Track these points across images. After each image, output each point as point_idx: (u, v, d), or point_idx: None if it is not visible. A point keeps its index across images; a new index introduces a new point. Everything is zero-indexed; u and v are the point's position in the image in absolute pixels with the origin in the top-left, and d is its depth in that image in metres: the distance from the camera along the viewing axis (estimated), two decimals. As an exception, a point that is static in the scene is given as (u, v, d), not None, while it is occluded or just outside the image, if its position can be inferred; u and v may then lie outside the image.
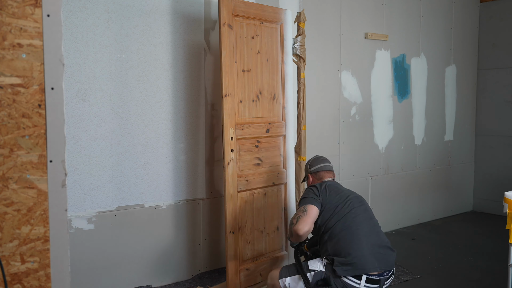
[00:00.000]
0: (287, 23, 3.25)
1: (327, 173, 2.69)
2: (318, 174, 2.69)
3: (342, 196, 2.46)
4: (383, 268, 2.27)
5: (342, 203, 2.42)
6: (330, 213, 2.39)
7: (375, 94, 4.43)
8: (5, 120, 1.43)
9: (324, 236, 2.38)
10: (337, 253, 2.28)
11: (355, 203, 2.44)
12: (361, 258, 2.23)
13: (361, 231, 2.32)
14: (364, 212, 2.42)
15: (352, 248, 2.25)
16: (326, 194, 2.47)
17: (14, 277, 1.47)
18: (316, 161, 2.75)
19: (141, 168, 3.09)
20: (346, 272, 2.22)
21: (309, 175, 2.73)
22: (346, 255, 2.24)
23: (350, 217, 2.36)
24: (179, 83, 3.22)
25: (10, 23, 1.43)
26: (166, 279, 3.22)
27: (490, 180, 5.36)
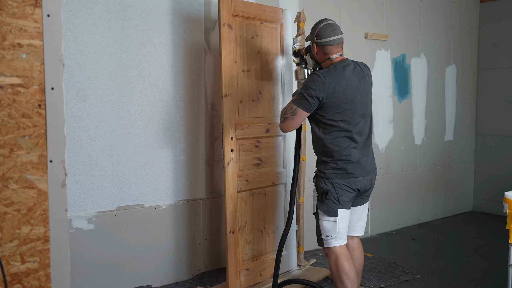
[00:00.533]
0: (287, 23, 3.25)
1: (336, 48, 2.48)
2: (325, 48, 2.48)
3: (350, 96, 2.42)
4: (367, 174, 2.54)
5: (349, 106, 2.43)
6: (333, 117, 2.44)
7: (375, 94, 4.42)
8: (5, 120, 1.44)
9: (322, 132, 2.50)
10: (328, 154, 2.48)
11: (359, 108, 2.47)
12: (350, 165, 2.46)
13: (355, 142, 2.48)
14: (363, 119, 2.51)
15: (344, 155, 2.45)
16: (333, 92, 2.38)
17: (14, 277, 1.47)
18: (326, 31, 2.46)
19: (141, 168, 3.09)
20: (335, 175, 2.47)
21: (315, 44, 2.52)
22: (338, 160, 2.46)
23: (352, 124, 2.46)
24: (179, 83, 3.22)
25: (10, 23, 1.43)
26: (166, 279, 3.22)
27: (490, 180, 5.36)
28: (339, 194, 2.47)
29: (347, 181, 2.47)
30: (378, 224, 4.53)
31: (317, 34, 2.48)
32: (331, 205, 2.48)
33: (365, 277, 3.36)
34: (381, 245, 4.19)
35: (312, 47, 2.56)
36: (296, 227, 3.34)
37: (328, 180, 2.49)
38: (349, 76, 2.43)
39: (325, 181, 2.49)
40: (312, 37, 2.54)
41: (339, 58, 2.50)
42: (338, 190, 2.47)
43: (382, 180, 4.54)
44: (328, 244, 2.52)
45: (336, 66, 2.44)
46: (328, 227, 2.50)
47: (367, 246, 4.13)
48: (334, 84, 2.37)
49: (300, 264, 3.40)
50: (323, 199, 2.49)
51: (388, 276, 3.41)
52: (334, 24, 2.49)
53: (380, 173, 4.52)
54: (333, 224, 2.48)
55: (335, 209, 2.47)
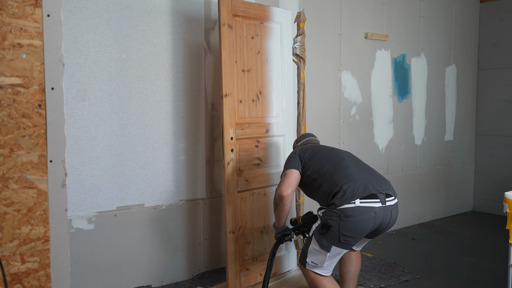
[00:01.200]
0: (287, 23, 3.25)
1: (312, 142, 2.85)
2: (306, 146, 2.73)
3: (329, 149, 2.61)
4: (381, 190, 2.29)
5: (329, 152, 2.56)
6: (320, 162, 2.49)
7: (375, 94, 4.43)
8: (5, 120, 1.44)
9: (316, 182, 2.45)
10: (332, 187, 2.34)
11: (342, 152, 2.58)
12: (355, 183, 2.29)
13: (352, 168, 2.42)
14: (352, 157, 2.55)
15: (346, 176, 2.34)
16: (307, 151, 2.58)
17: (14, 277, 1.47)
18: (303, 136, 2.91)
19: (141, 168, 3.09)
20: (345, 201, 2.24)
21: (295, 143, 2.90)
22: (341, 184, 2.31)
23: (339, 159, 2.48)
24: (179, 83, 3.22)
25: (10, 23, 1.43)
26: (166, 279, 3.22)
27: (490, 180, 5.36)
28: (342, 233, 2.24)
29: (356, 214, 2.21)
30: (378, 224, 4.52)
31: (296, 140, 2.92)
32: (327, 240, 2.28)
33: (365, 277, 3.36)
34: (381, 245, 4.19)
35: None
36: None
37: (336, 213, 2.25)
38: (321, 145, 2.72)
39: (332, 214, 2.27)
40: (294, 146, 2.92)
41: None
42: (342, 227, 2.23)
43: (382, 180, 4.54)
44: (310, 268, 2.37)
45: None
46: (315, 256, 2.34)
47: (367, 246, 4.13)
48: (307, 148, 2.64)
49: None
50: (323, 231, 2.29)
51: (388, 276, 3.41)
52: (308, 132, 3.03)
53: (380, 173, 4.51)
54: (322, 256, 2.32)
55: (329, 245, 2.28)
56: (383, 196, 2.28)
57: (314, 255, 2.34)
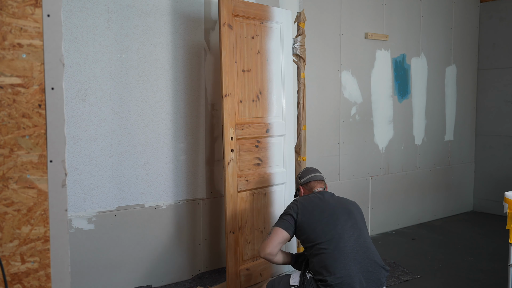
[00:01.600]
0: (287, 23, 3.25)
1: (318, 183, 2.63)
2: (309, 184, 2.64)
3: (329, 212, 2.37)
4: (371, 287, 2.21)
5: (328, 220, 2.33)
6: (312, 229, 2.32)
7: (375, 94, 4.43)
8: (5, 120, 1.43)
9: (311, 251, 2.32)
10: (321, 272, 2.21)
11: (342, 219, 2.34)
12: (345, 279, 2.15)
13: (348, 250, 2.23)
14: (351, 229, 2.32)
15: (337, 268, 2.18)
16: (305, 210, 2.39)
17: (14, 277, 1.47)
18: (306, 172, 2.70)
19: (141, 168, 3.09)
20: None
21: (300, 187, 2.68)
22: (330, 275, 2.18)
23: (336, 236, 2.27)
24: (179, 83, 3.22)
25: (10, 23, 1.43)
26: (166, 279, 3.22)
27: (490, 180, 5.36)
28: None
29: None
30: (378, 224, 4.53)
31: (300, 176, 2.72)
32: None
33: (365, 277, 3.36)
34: (381, 245, 4.19)
35: (299, 192, 2.70)
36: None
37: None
38: (326, 197, 2.48)
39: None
40: (297, 183, 2.74)
41: (321, 191, 2.60)
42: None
43: (382, 180, 4.54)
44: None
45: (314, 192, 2.58)
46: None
47: (367, 246, 4.13)
48: (306, 202, 2.44)
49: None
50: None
51: (388, 276, 3.41)
52: (312, 167, 2.77)
53: (380, 173, 4.52)
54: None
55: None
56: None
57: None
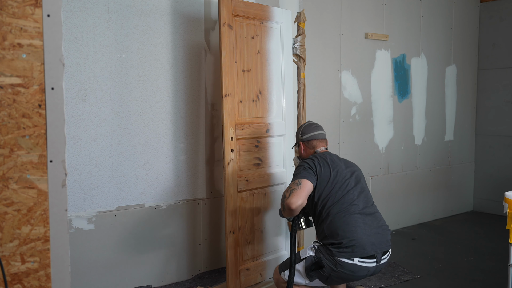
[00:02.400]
0: (287, 23, 3.25)
1: (320, 142, 2.60)
2: (310, 142, 2.59)
3: (339, 174, 2.39)
4: (380, 250, 2.27)
5: (339, 182, 2.36)
6: (327, 192, 2.34)
7: (375, 94, 4.43)
8: (5, 120, 1.44)
9: (321, 215, 2.35)
10: (333, 235, 2.25)
11: (352, 182, 2.39)
12: (358, 241, 2.21)
13: (359, 214, 2.29)
14: (361, 194, 2.38)
15: (349, 231, 2.23)
16: (322, 170, 2.38)
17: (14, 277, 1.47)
18: (309, 128, 2.62)
19: (141, 168, 3.09)
20: (342, 254, 2.20)
21: (301, 143, 2.63)
22: (343, 237, 2.22)
23: (347, 200, 2.32)
24: (179, 83, 3.22)
25: (10, 23, 1.43)
26: (166, 279, 3.22)
27: (490, 180, 5.36)
28: (331, 276, 2.24)
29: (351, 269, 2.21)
30: (378, 224, 4.53)
31: (302, 132, 2.64)
32: (313, 275, 2.28)
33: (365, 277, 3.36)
34: (381, 245, 4.19)
35: (299, 147, 2.65)
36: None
37: (332, 259, 2.23)
38: (334, 157, 2.50)
39: (328, 258, 2.24)
40: (297, 137, 2.66)
41: (324, 151, 2.59)
42: (334, 274, 2.23)
43: (382, 180, 4.54)
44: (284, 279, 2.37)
45: (320, 153, 2.54)
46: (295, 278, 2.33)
47: (367, 246, 4.13)
48: (320, 161, 2.42)
49: (300, 264, 3.40)
50: (312, 268, 2.26)
51: (388, 276, 3.41)
52: (315, 123, 2.67)
53: (380, 173, 4.52)
54: (301, 281, 2.32)
55: (314, 277, 2.28)
56: (380, 255, 2.28)
57: (293, 277, 2.32)
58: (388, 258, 2.35)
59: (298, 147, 2.67)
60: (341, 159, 2.52)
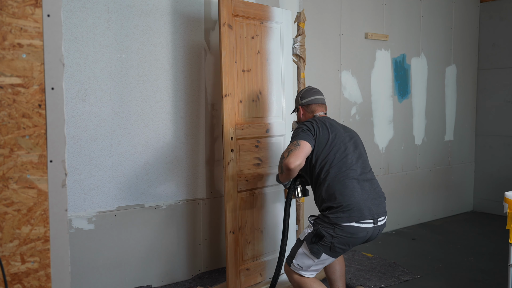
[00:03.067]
0: (287, 23, 3.25)
1: (319, 107, 2.60)
2: (310, 107, 2.60)
3: (338, 137, 2.41)
4: (377, 215, 2.32)
5: (337, 145, 2.38)
6: (325, 154, 2.36)
7: (375, 94, 4.44)
8: (5, 120, 1.44)
9: (319, 178, 2.37)
10: (331, 198, 2.30)
11: (350, 147, 2.41)
12: (355, 205, 2.25)
13: (356, 179, 2.33)
14: (359, 159, 2.40)
15: (347, 195, 2.27)
16: (320, 132, 2.39)
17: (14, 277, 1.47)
18: (308, 93, 2.62)
19: (141, 168, 3.09)
20: (340, 219, 2.25)
21: (300, 107, 2.63)
22: (341, 201, 2.26)
23: (346, 164, 2.34)
24: (179, 83, 3.22)
25: (10, 23, 1.43)
26: (166, 279, 3.22)
27: (490, 180, 5.36)
28: (333, 245, 2.27)
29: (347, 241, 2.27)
30: (378, 224, 4.53)
31: (301, 96, 2.64)
32: (318, 248, 2.30)
33: (365, 277, 3.36)
34: (381, 245, 4.19)
35: (298, 112, 2.65)
36: (296, 227, 3.34)
37: (330, 226, 2.27)
38: (333, 121, 2.51)
39: (327, 226, 2.28)
40: (297, 102, 2.67)
41: (323, 115, 2.59)
42: (334, 242, 2.26)
43: (382, 180, 4.54)
44: (294, 270, 2.38)
45: (319, 117, 2.54)
46: (303, 260, 2.34)
47: (367, 246, 4.13)
48: (319, 124, 2.43)
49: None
50: (314, 240, 2.29)
51: (388, 276, 3.41)
52: (315, 88, 2.67)
53: (380, 173, 4.52)
54: (310, 262, 2.33)
55: (320, 252, 2.30)
56: (376, 219, 2.33)
57: (302, 259, 2.35)
58: (384, 222, 2.38)
59: (297, 112, 2.68)
60: (340, 124, 2.53)
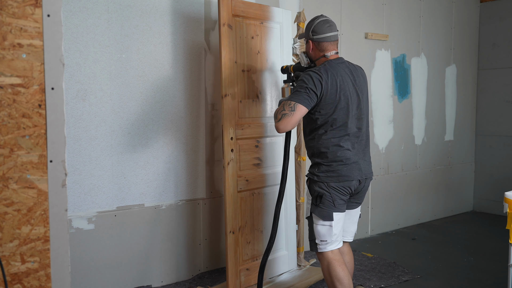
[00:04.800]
0: (287, 23, 3.25)
1: (331, 45, 2.43)
2: (321, 44, 2.42)
3: (344, 98, 2.34)
4: (364, 176, 2.46)
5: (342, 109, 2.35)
6: (328, 115, 2.35)
7: (375, 94, 4.43)
8: (5, 120, 1.44)
9: (316, 132, 2.41)
10: (322, 156, 2.40)
11: (353, 106, 2.38)
12: (344, 168, 2.37)
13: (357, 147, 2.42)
14: (358, 120, 2.42)
15: (339, 151, 2.36)
16: (328, 92, 2.31)
17: (14, 277, 1.47)
18: (322, 27, 2.41)
19: (141, 168, 3.09)
20: (330, 179, 2.37)
21: (311, 41, 2.46)
22: (331, 161, 2.37)
23: (346, 128, 2.38)
24: (179, 83, 3.22)
25: (10, 23, 1.44)
26: (166, 279, 3.22)
27: (490, 180, 5.36)
28: (334, 198, 2.38)
29: (342, 184, 2.38)
30: (378, 224, 4.53)
31: (313, 30, 2.42)
32: (326, 209, 2.39)
33: (365, 277, 3.36)
34: (381, 245, 4.19)
35: (307, 44, 2.48)
36: (296, 227, 3.34)
37: (322, 183, 2.39)
38: (345, 73, 2.38)
39: (320, 184, 2.40)
40: (308, 33, 2.46)
41: (334, 56, 2.44)
42: (333, 193, 2.38)
43: (382, 180, 4.54)
44: (322, 249, 2.42)
45: (331, 63, 2.38)
46: (323, 232, 2.41)
47: (367, 246, 4.13)
48: (330, 80, 2.31)
49: (300, 264, 3.40)
50: (318, 202, 2.40)
51: (388, 276, 3.41)
52: (330, 20, 2.44)
53: (380, 173, 4.52)
54: (328, 229, 2.39)
55: (330, 213, 2.38)
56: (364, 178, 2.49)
57: (321, 232, 2.42)
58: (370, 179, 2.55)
59: (306, 43, 2.50)
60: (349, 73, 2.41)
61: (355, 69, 2.46)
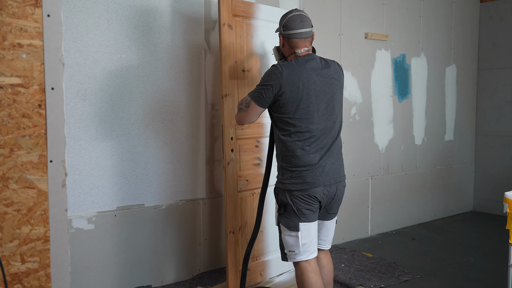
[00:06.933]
0: (287, 23, 3.25)
1: (303, 42, 2.29)
2: (291, 41, 2.30)
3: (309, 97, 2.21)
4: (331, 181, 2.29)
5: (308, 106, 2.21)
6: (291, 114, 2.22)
7: (375, 94, 4.44)
8: (5, 120, 1.44)
9: (279, 134, 2.28)
10: (287, 160, 2.26)
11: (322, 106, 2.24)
12: (310, 173, 2.22)
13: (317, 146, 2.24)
14: (328, 120, 2.26)
15: (303, 162, 2.22)
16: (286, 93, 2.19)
17: (14, 277, 1.47)
18: (294, 23, 2.28)
19: (141, 168, 3.09)
20: (293, 186, 2.23)
21: (281, 36, 2.35)
22: (296, 166, 2.24)
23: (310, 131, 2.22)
24: (179, 83, 3.22)
25: (10, 23, 1.44)
26: (166, 279, 3.22)
27: (490, 180, 5.36)
28: (298, 207, 2.23)
29: (306, 193, 2.22)
30: (378, 224, 4.53)
31: (284, 25, 2.31)
32: (291, 219, 2.25)
33: (365, 277, 3.36)
34: (381, 245, 4.19)
35: (280, 39, 2.39)
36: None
37: (286, 191, 2.26)
38: (312, 71, 2.24)
39: (284, 192, 2.27)
40: (280, 28, 2.36)
41: (304, 53, 2.30)
42: (296, 203, 2.23)
43: (382, 180, 4.54)
44: (292, 259, 2.31)
45: (298, 60, 2.25)
46: (290, 242, 2.28)
47: (367, 246, 4.13)
48: (292, 76, 2.19)
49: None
50: (282, 212, 2.27)
51: (388, 276, 3.41)
52: (303, 15, 2.31)
53: (380, 173, 4.52)
54: (295, 239, 2.26)
55: (296, 223, 2.24)
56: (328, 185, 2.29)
57: (289, 242, 2.30)
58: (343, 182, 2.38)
59: (279, 37, 2.40)
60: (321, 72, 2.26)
61: (327, 66, 2.30)
